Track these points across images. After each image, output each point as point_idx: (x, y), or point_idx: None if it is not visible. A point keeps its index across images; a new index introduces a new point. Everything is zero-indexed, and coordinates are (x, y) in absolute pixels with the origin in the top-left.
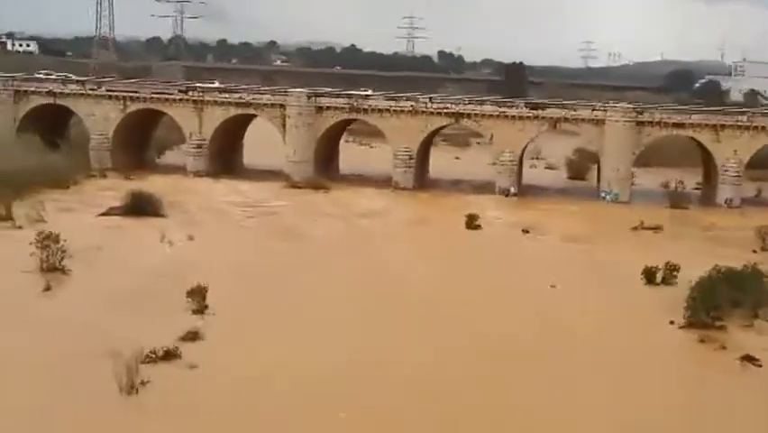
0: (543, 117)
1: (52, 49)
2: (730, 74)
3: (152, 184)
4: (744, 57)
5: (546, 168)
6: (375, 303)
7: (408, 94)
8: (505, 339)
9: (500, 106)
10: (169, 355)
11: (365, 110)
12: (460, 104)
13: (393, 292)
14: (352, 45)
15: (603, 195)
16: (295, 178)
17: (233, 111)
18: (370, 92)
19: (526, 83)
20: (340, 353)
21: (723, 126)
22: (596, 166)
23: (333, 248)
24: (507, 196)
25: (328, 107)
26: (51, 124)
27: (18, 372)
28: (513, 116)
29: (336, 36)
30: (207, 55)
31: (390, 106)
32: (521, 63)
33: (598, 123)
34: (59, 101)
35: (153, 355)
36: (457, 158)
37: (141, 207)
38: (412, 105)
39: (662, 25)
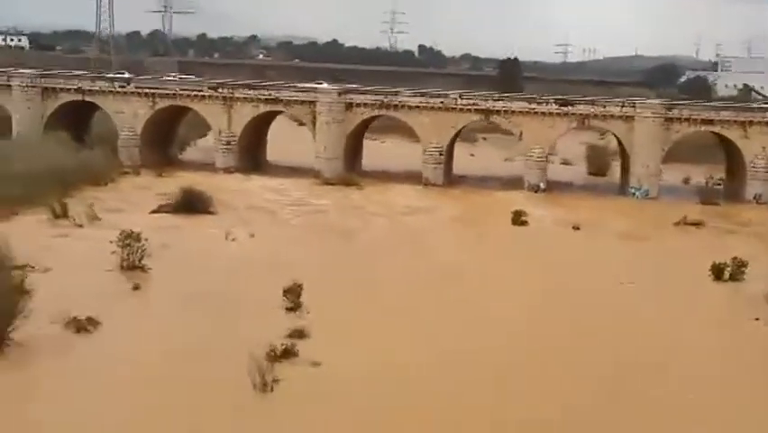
0: (572, 114)
1: (42, 44)
2: (716, 69)
3: (186, 181)
4: (717, 53)
5: (562, 163)
6: (449, 302)
7: (438, 90)
8: (586, 340)
9: (530, 103)
10: (288, 354)
11: (395, 106)
12: (489, 100)
13: (465, 291)
14: (334, 40)
15: (633, 191)
16: (326, 174)
17: (263, 108)
18: (324, 84)
19: (522, 79)
20: (434, 350)
21: (751, 123)
22: (614, 161)
23: (391, 247)
24: (536, 192)
25: (358, 104)
26: (75, 121)
27: (146, 373)
28: (543, 113)
29: (317, 31)
30: (189, 50)
31: (421, 103)
32: (516, 59)
33: (627, 119)
34: (88, 98)
35: (273, 353)
36: (472, 154)
37: (191, 204)
38: (442, 102)
39: (635, 20)
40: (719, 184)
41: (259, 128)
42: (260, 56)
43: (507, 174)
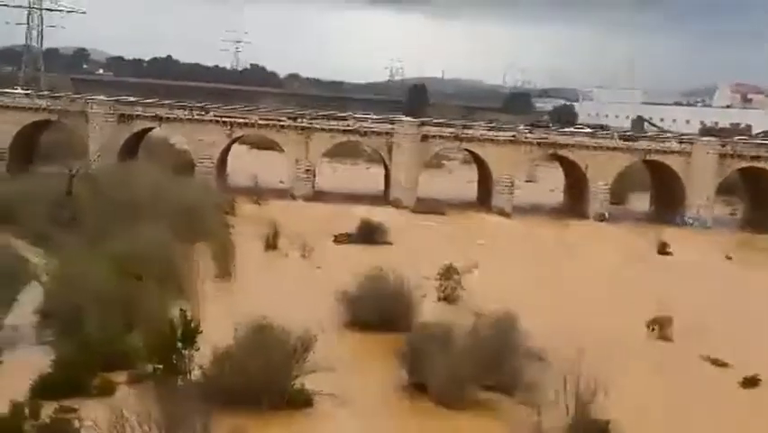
0: (635, 149)
1: None
2: (578, 99)
3: (284, 209)
4: (521, 79)
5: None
6: None
7: (508, 125)
8: None
9: (594, 138)
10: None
11: (468, 139)
12: (557, 134)
13: None
14: (169, 56)
15: (691, 221)
16: (404, 203)
17: (339, 138)
18: None
19: (429, 105)
20: None
21: None
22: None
23: (616, 279)
24: (602, 221)
25: (433, 136)
26: (129, 148)
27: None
28: (607, 147)
29: (147, 47)
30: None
31: (493, 136)
32: (423, 86)
33: (684, 154)
34: (165, 125)
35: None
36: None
37: (370, 235)
38: (513, 135)
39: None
40: (734, 214)
41: None
42: (100, 71)
43: (549, 202)
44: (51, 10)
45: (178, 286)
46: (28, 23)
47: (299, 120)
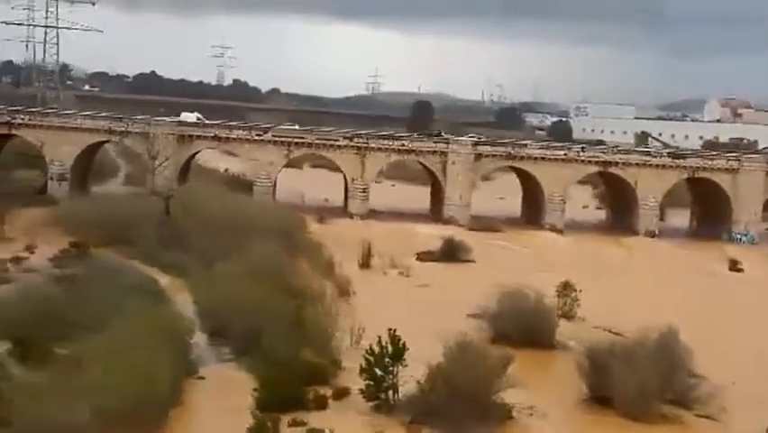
0: (683, 166)
1: None
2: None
3: (346, 228)
4: (497, 94)
5: (597, 208)
6: None
7: (561, 144)
8: None
9: (645, 156)
10: None
11: (521, 158)
12: (608, 153)
13: None
14: (153, 72)
15: (739, 237)
16: (460, 221)
17: (394, 157)
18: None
19: (433, 120)
20: None
21: None
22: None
23: (702, 295)
24: (652, 237)
25: (487, 155)
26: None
27: None
28: (657, 165)
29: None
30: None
31: (545, 155)
32: (428, 102)
33: (731, 171)
34: (224, 146)
35: None
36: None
37: (451, 252)
38: (565, 154)
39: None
40: None
41: None
42: (87, 87)
43: (586, 219)
44: (70, 29)
45: (321, 304)
46: (45, 42)
47: (355, 140)
